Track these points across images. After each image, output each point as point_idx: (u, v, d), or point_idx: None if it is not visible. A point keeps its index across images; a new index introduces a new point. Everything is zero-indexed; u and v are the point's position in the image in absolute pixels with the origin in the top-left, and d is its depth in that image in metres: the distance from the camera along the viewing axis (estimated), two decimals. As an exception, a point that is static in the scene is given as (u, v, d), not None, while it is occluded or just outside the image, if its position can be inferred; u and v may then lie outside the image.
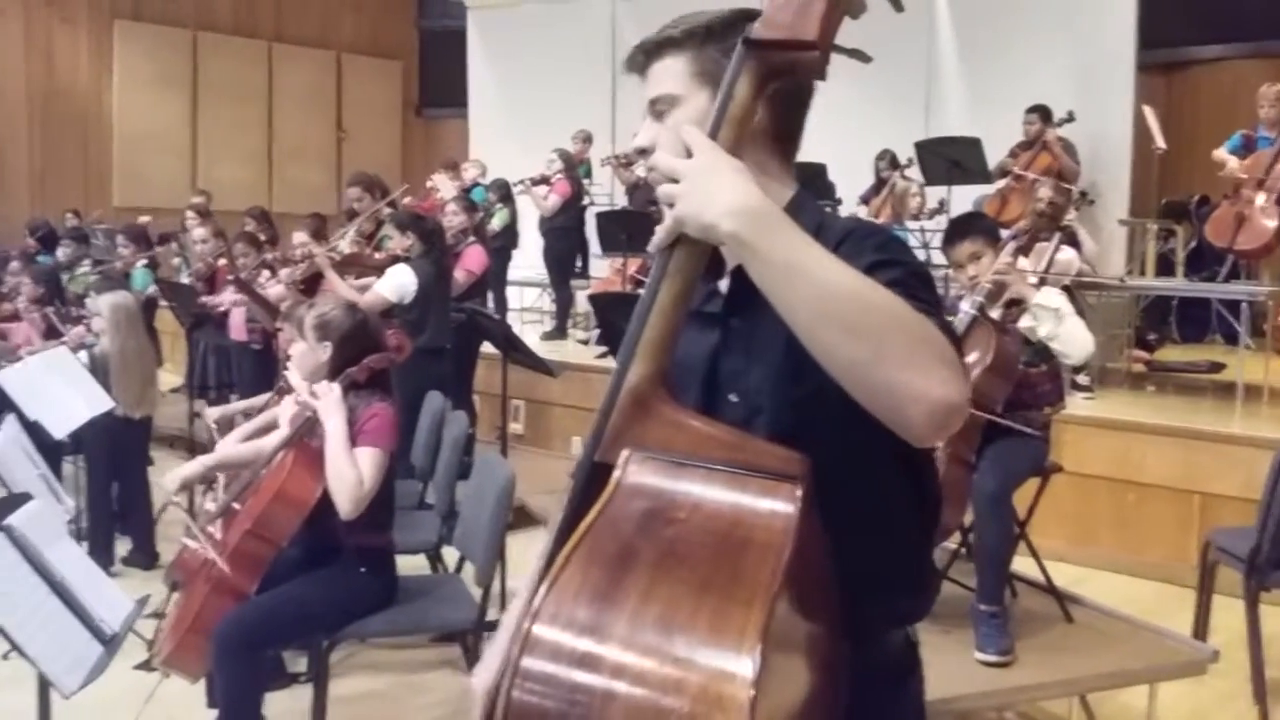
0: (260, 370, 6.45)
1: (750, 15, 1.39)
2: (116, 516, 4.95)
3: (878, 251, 1.32)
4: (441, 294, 5.58)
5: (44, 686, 2.36)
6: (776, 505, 1.12)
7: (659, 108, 1.42)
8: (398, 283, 5.44)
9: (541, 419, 7.09)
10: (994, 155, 7.22)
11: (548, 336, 8.45)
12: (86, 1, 12.98)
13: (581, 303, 9.00)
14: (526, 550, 3.33)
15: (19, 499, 2.41)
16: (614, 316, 3.82)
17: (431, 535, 4.01)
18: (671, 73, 1.40)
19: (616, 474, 1.18)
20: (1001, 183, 7.19)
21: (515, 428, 7.20)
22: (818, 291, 1.14)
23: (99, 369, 4.50)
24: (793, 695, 1.15)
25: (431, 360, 5.12)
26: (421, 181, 10.28)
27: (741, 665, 1.00)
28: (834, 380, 1.17)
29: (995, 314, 3.30)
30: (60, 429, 4.06)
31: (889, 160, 7.84)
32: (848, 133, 6.49)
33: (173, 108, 13.62)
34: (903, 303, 1.17)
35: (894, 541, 1.40)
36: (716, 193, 1.17)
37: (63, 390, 4.17)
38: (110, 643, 2.26)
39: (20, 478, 2.92)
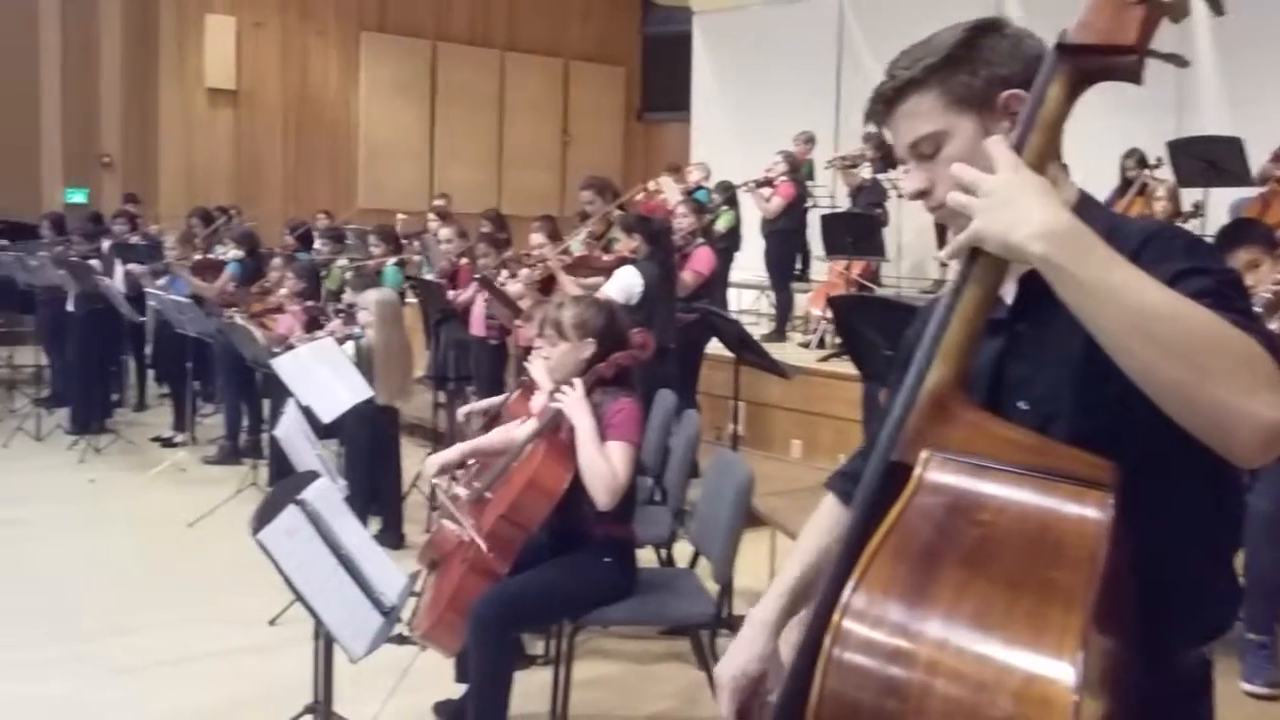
0: (496, 364, 6.75)
1: (987, 26, 1.38)
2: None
3: (1187, 257, 1.28)
4: (666, 295, 5.67)
5: (327, 652, 2.56)
6: (1087, 511, 1.12)
7: (922, 149, 1.40)
8: (624, 284, 5.56)
9: (761, 421, 7.10)
10: (1253, 158, 6.74)
11: (766, 339, 8.42)
12: (336, 15, 13.89)
13: (800, 305, 8.97)
14: (755, 549, 3.37)
15: (308, 476, 2.62)
16: (854, 320, 3.79)
17: (663, 530, 4.10)
18: (925, 112, 1.38)
19: (918, 473, 1.19)
20: (1264, 188, 6.70)
21: (733, 429, 7.23)
22: (1132, 311, 1.12)
23: (363, 360, 4.84)
24: (1091, 709, 1.14)
25: (655, 360, 5.21)
26: (643, 184, 10.50)
27: (1063, 669, 1.00)
28: (1137, 388, 1.15)
29: (1275, 325, 3.10)
30: (327, 414, 4.38)
31: (1137, 159, 7.44)
32: (1092, 131, 6.19)
33: (412, 115, 14.40)
34: (1220, 319, 1.13)
35: (1197, 554, 1.36)
36: (1024, 213, 1.16)
37: (329, 378, 4.50)
38: (389, 614, 2.43)
39: (304, 458, 3.17)
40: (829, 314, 7.84)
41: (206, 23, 12.93)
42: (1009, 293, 1.40)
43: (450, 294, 6.62)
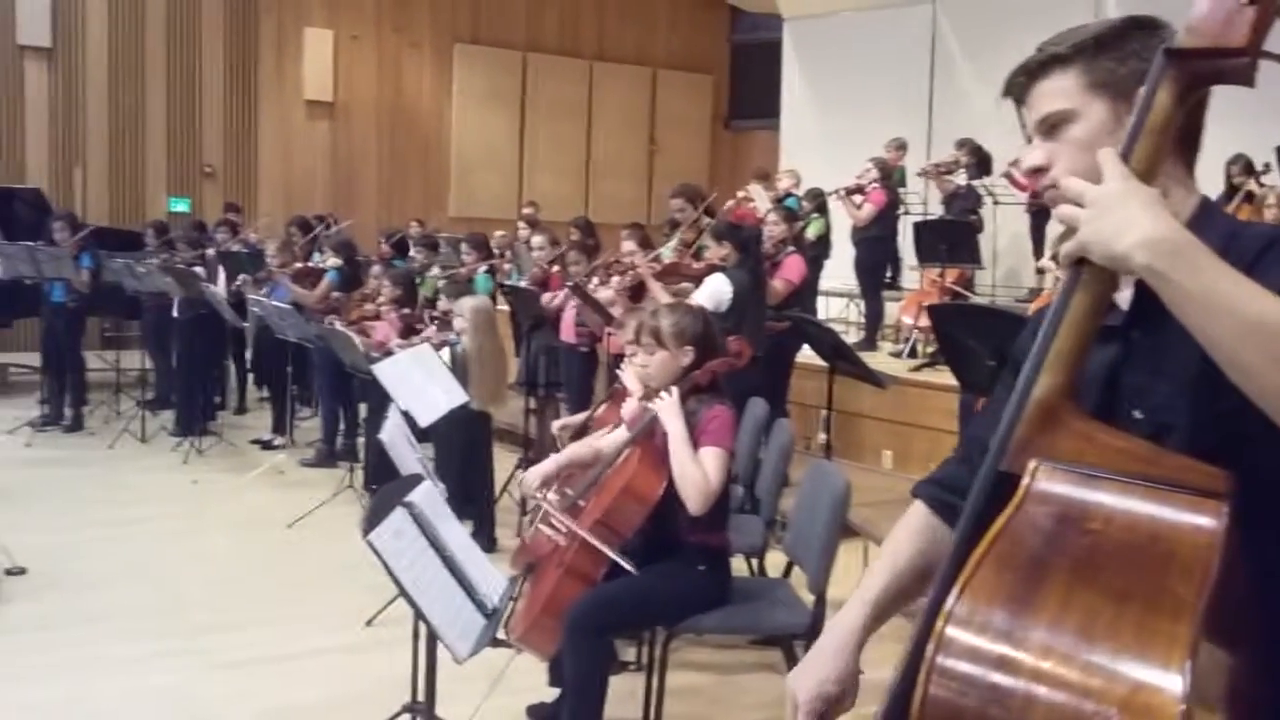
0: (585, 371, 6.81)
1: (1144, 22, 1.36)
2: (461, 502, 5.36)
3: None
4: (756, 303, 5.66)
5: (430, 653, 2.60)
6: (1200, 520, 1.10)
7: (1050, 123, 1.39)
8: (714, 291, 5.57)
9: (851, 431, 7.03)
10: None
11: (857, 348, 8.33)
12: (430, 27, 14.15)
13: (891, 314, 8.87)
14: (847, 560, 3.34)
15: (413, 480, 2.67)
16: (954, 329, 3.74)
17: (756, 539, 4.09)
18: (1062, 89, 1.37)
19: (1025, 482, 1.19)
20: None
21: (824, 438, 7.18)
22: (1241, 323, 1.10)
23: (459, 366, 4.92)
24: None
25: (744, 368, 5.19)
26: (729, 192, 10.50)
27: (1170, 679, 0.99)
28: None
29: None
30: (424, 418, 4.47)
31: (1243, 166, 7.21)
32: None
33: (502, 125, 14.59)
34: None
35: None
36: (1129, 223, 1.14)
37: (426, 383, 4.58)
38: (491, 616, 2.47)
39: (407, 461, 3.24)
40: (921, 322, 7.75)
41: (305, 36, 13.28)
42: (1125, 299, 1.38)
43: (545, 298, 6.68)
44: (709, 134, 16.03)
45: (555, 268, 7.09)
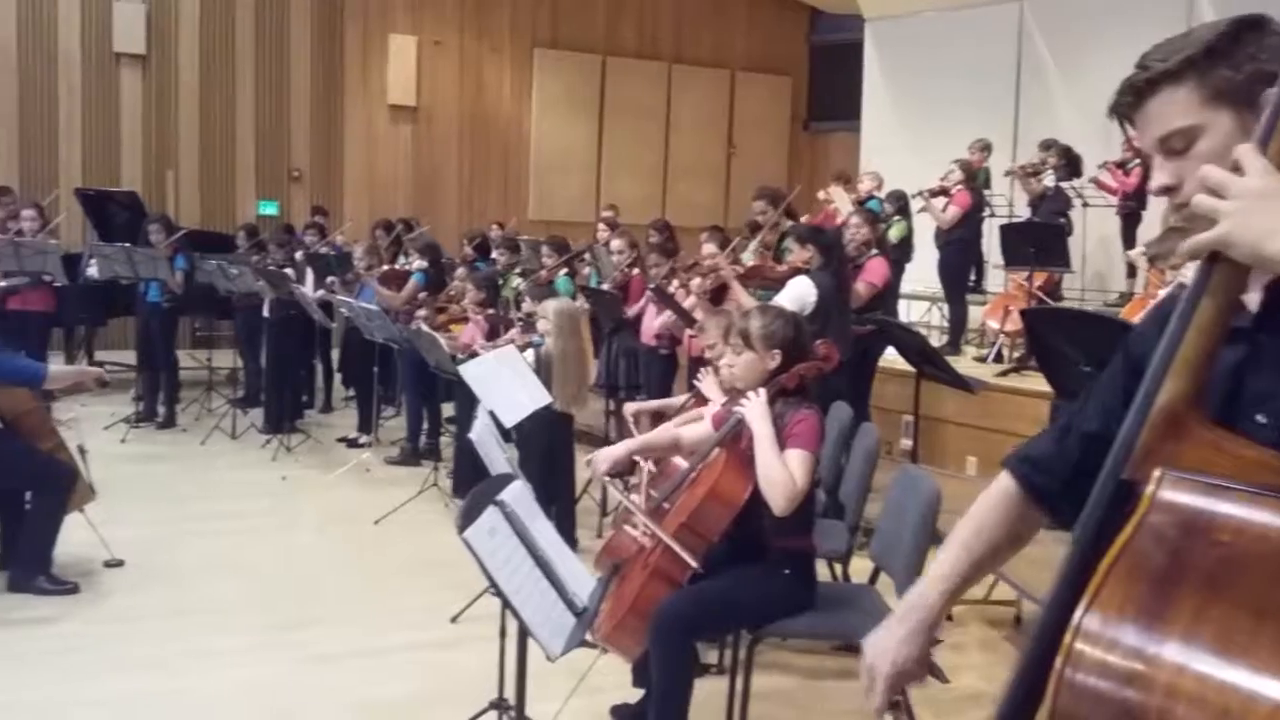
0: (666, 373, 6.82)
1: (1253, 21, 1.32)
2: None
3: None
4: (840, 306, 5.62)
5: (521, 650, 2.63)
6: (1338, 534, 1.06)
7: (1173, 144, 1.35)
8: (797, 294, 5.54)
9: (934, 436, 6.94)
10: None
11: (941, 353, 8.26)
12: (511, 32, 14.29)
13: (975, 318, 8.74)
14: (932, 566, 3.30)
15: (504, 479, 2.70)
16: (1048, 334, 3.67)
17: (839, 544, 4.05)
18: (1178, 105, 1.33)
19: (1149, 491, 1.16)
20: None
21: (905, 444, 7.10)
22: None
23: (542, 367, 4.97)
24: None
25: (830, 373, 5.15)
26: (809, 195, 10.43)
27: None
28: None
29: None
30: (509, 419, 4.51)
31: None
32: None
33: (581, 128, 14.68)
34: None
35: None
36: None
37: (511, 384, 4.63)
38: (582, 615, 2.49)
39: (495, 461, 3.27)
40: (1007, 327, 7.62)
41: (390, 42, 13.51)
42: (1253, 300, 1.34)
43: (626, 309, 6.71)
44: (787, 136, 15.94)
45: (635, 271, 7.11)
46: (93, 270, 8.62)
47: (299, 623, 4.61)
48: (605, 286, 7.25)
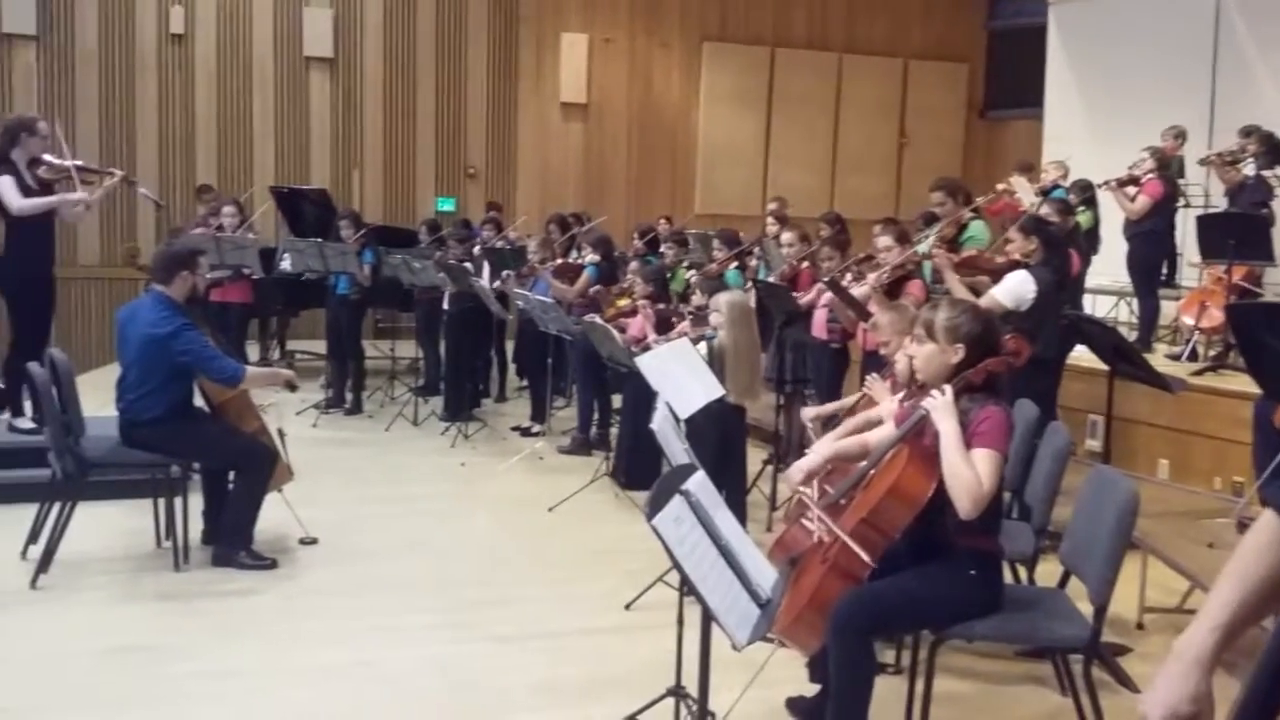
0: (836, 368, 6.72)
1: None
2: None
3: None
4: (1058, 304, 5.41)
5: (704, 639, 2.65)
6: None
7: None
8: (1016, 288, 5.38)
9: (1123, 437, 6.62)
10: None
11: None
12: (680, 27, 14.35)
13: (1168, 313, 8.30)
14: (1124, 573, 3.15)
15: (687, 469, 2.72)
16: (1259, 330, 3.45)
17: (1026, 546, 3.93)
18: None
19: None
20: None
21: (1091, 444, 6.81)
22: None
23: (715, 359, 4.99)
24: None
25: (1037, 371, 4.97)
26: (982, 185, 10.09)
27: None
28: None
29: None
30: (683, 411, 4.54)
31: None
32: None
33: (748, 121, 14.62)
34: None
35: None
36: None
37: (685, 377, 4.66)
38: (766, 606, 2.49)
39: (675, 452, 3.30)
40: (1204, 323, 7.21)
41: (562, 41, 13.77)
42: None
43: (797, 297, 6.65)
44: (963, 125, 15.47)
45: (805, 264, 7.04)
46: (286, 264, 9.11)
47: (478, 603, 4.77)
48: (772, 279, 7.19)
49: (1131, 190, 7.86)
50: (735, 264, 7.87)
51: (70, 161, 6.40)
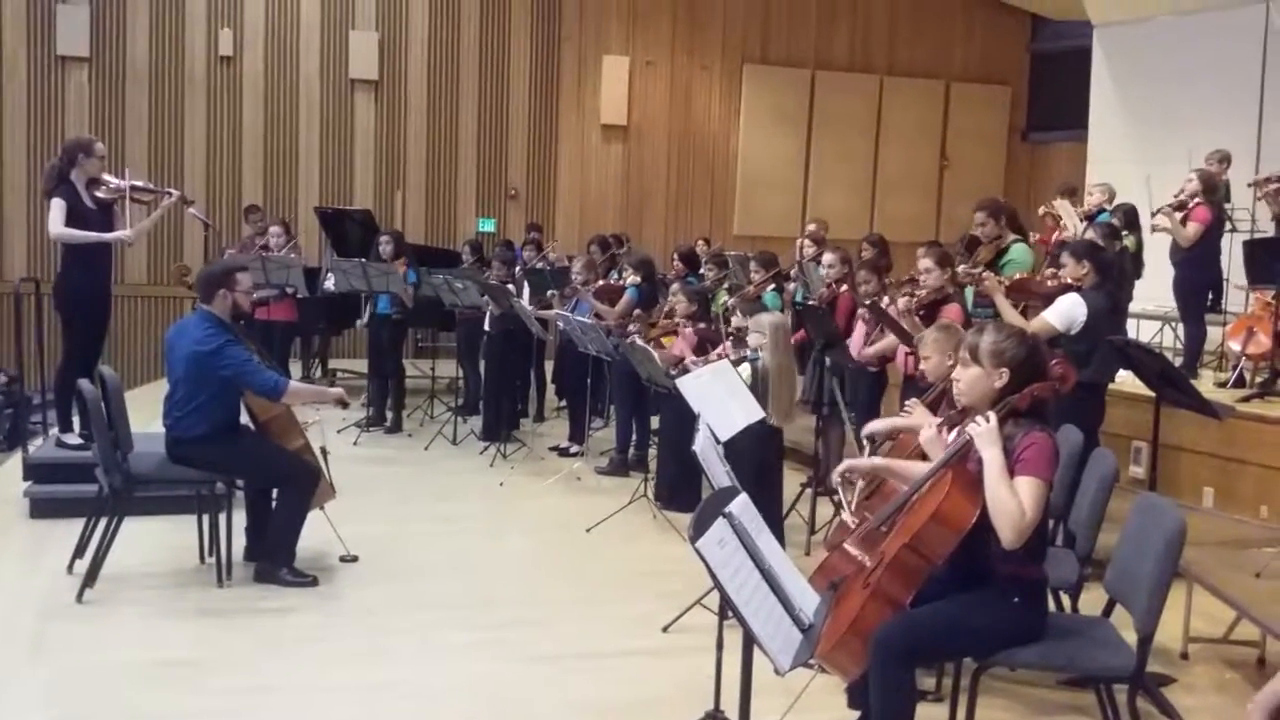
0: (874, 391, 6.69)
1: None
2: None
3: None
4: (1111, 329, 5.38)
5: (746, 663, 2.64)
6: None
7: None
8: (1068, 311, 5.35)
9: (1168, 464, 6.52)
10: None
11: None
12: (721, 49, 14.41)
13: (1214, 339, 8.18)
14: (1171, 600, 3.10)
15: (730, 492, 2.72)
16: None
17: (1070, 574, 3.88)
18: None
19: None
20: None
21: (1135, 471, 6.73)
22: None
23: (759, 381, 4.98)
24: None
25: (1089, 397, 4.93)
26: (1025, 208, 10.03)
27: None
28: None
29: None
30: (723, 433, 4.53)
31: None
32: None
33: (788, 143, 14.62)
34: None
35: None
36: None
37: (725, 399, 4.66)
38: (808, 632, 2.48)
39: (717, 474, 3.31)
40: (1251, 349, 7.11)
41: (604, 63, 13.86)
42: None
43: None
44: (1004, 147, 15.38)
45: (843, 287, 7.01)
46: (330, 284, 9.21)
47: (517, 623, 4.78)
48: (811, 302, 7.18)
49: (1178, 215, 7.77)
50: (773, 286, 7.86)
51: (128, 182, 6.53)
